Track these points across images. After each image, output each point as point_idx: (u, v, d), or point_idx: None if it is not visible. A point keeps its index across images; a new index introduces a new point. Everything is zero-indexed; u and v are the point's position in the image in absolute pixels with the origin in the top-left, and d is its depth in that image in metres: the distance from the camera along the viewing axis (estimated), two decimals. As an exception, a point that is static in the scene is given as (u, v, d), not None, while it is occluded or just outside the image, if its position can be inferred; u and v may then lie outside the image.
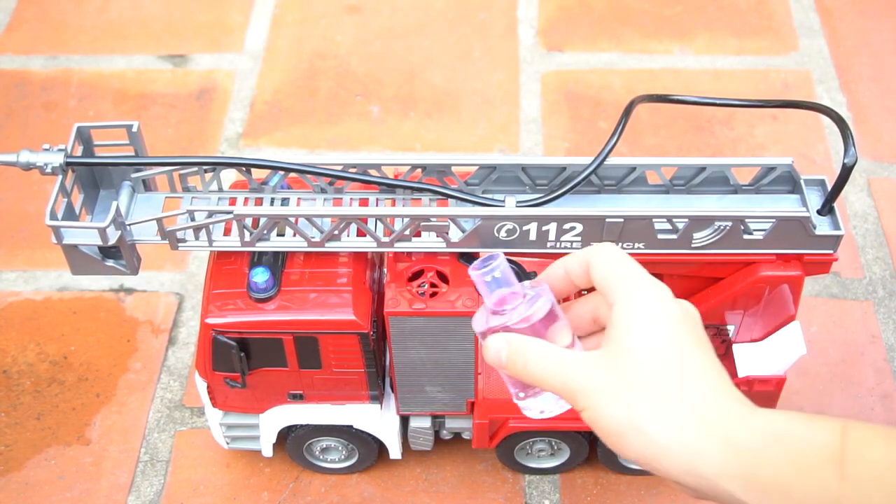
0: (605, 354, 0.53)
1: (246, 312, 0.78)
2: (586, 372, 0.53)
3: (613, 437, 0.51)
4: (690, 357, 0.52)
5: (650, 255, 0.78)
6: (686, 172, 0.81)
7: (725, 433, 0.49)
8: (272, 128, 1.29)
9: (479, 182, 0.81)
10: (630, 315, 0.53)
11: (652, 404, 0.50)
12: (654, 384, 0.51)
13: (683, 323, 0.53)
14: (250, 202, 0.81)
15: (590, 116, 1.29)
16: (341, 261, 0.80)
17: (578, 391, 0.52)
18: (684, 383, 0.51)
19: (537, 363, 0.55)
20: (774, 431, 0.49)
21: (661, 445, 0.50)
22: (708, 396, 0.51)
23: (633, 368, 0.51)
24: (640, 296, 0.54)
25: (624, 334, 0.53)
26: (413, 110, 1.31)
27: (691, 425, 0.50)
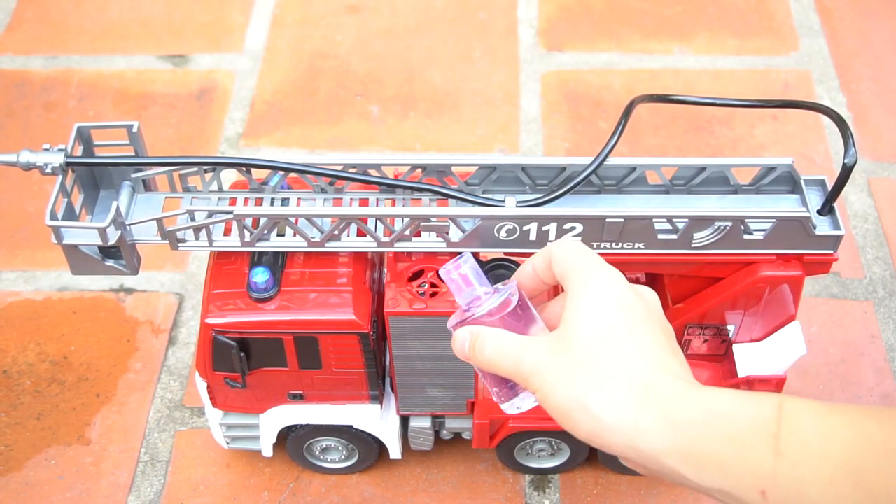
0: (554, 337, 0.54)
1: (246, 312, 0.77)
2: (537, 355, 0.54)
3: (562, 416, 0.52)
4: (636, 337, 0.53)
5: (650, 255, 0.77)
6: (686, 172, 0.81)
7: (665, 410, 0.50)
8: (272, 128, 1.29)
9: (479, 182, 0.81)
10: (580, 300, 0.54)
11: (596, 384, 0.51)
12: (599, 364, 0.52)
13: (634, 306, 0.54)
14: (250, 202, 0.81)
15: (590, 116, 1.29)
16: (341, 261, 0.80)
17: (529, 373, 0.53)
18: (627, 363, 0.52)
19: (493, 348, 0.56)
20: (712, 408, 0.49)
21: (605, 423, 0.50)
22: (650, 375, 0.51)
23: (580, 350, 0.52)
24: (591, 282, 0.55)
25: (573, 317, 0.54)
26: (413, 110, 1.31)
27: (633, 403, 0.50)
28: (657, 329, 0.54)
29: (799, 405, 0.48)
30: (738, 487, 0.47)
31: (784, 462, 0.46)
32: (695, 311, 0.82)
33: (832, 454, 0.45)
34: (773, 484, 0.46)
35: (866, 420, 0.46)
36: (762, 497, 0.46)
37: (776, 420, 0.47)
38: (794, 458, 0.46)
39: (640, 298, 0.55)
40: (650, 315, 0.55)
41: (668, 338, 0.55)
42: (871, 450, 0.45)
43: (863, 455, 0.45)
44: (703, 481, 0.49)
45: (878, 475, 0.44)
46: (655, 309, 0.56)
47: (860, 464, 0.45)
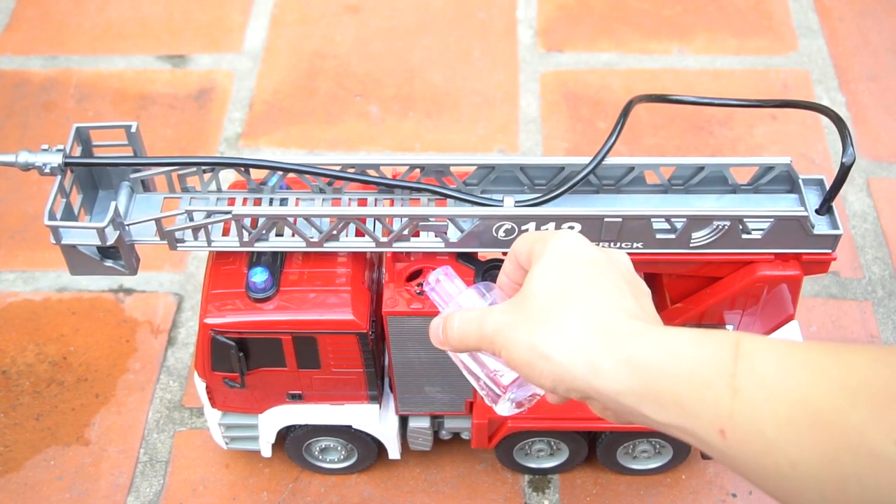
0: (514, 299, 0.55)
1: (245, 312, 0.77)
2: (498, 315, 0.54)
3: (525, 368, 0.52)
4: (595, 285, 0.53)
5: (649, 254, 0.77)
6: (684, 172, 0.81)
7: (622, 350, 0.49)
8: (271, 128, 1.29)
9: (477, 182, 0.81)
10: (540, 261, 0.55)
11: (552, 329, 0.51)
12: (557, 312, 0.52)
13: (597, 260, 0.54)
14: (249, 202, 0.81)
15: (589, 116, 1.29)
16: (340, 261, 0.80)
17: (493, 334, 0.54)
18: (584, 307, 0.52)
19: (459, 320, 0.57)
20: (670, 347, 0.48)
21: (565, 367, 0.50)
22: (607, 317, 0.51)
23: (538, 302, 0.53)
24: (549, 244, 0.55)
25: (532, 276, 0.54)
26: (412, 110, 1.31)
27: (590, 345, 0.50)
28: (621, 281, 0.54)
29: (756, 343, 0.47)
30: (698, 426, 0.47)
31: (741, 401, 0.46)
32: (693, 311, 0.82)
33: (789, 393, 0.45)
34: (730, 423, 0.46)
35: (823, 357, 0.45)
36: (721, 436, 0.46)
37: (733, 359, 0.47)
38: (750, 397, 0.45)
39: (605, 255, 0.55)
40: (615, 269, 0.55)
41: (635, 292, 0.54)
42: (828, 388, 0.44)
43: (819, 393, 0.44)
44: (662, 419, 0.48)
45: (835, 413, 0.43)
46: (625, 267, 0.56)
47: (817, 402, 0.44)
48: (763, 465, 0.45)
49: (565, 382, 0.51)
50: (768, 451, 0.44)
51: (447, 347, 0.59)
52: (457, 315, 0.58)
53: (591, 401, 0.53)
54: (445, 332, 0.58)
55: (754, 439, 0.45)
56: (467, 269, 0.79)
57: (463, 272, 0.79)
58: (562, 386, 0.51)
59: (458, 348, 0.58)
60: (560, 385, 0.51)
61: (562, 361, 0.51)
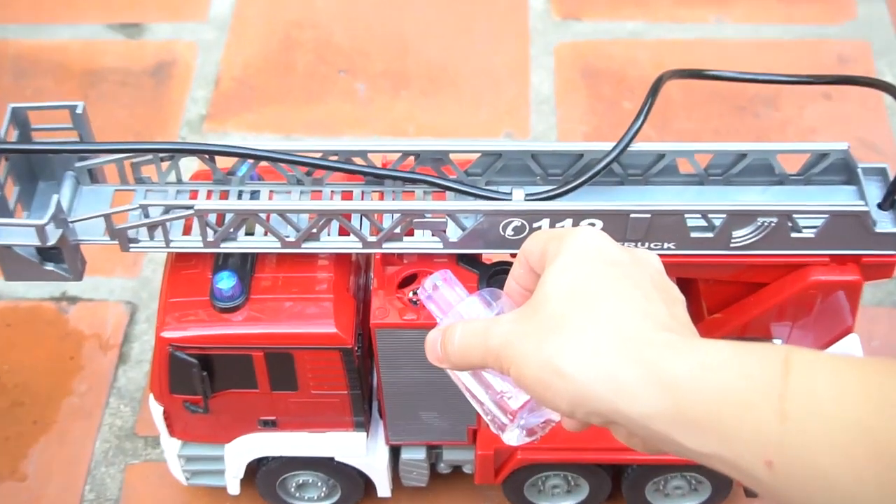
0: (524, 307, 0.55)
1: (209, 324, 0.78)
2: (506, 325, 0.54)
3: (537, 387, 0.52)
4: (617, 289, 0.53)
5: (682, 256, 0.78)
6: (724, 160, 0.81)
7: (651, 365, 0.49)
8: (241, 109, 1.29)
9: (482, 172, 0.81)
10: (554, 263, 0.54)
11: (568, 339, 0.51)
12: (572, 320, 0.52)
13: (620, 261, 0.54)
14: (214, 195, 0.81)
15: (612, 95, 1.29)
16: (321, 264, 0.80)
17: (500, 348, 0.54)
18: (605, 313, 0.51)
19: (462, 333, 0.57)
20: (708, 363, 0.48)
21: (583, 384, 0.50)
22: (632, 326, 0.51)
23: (551, 310, 0.52)
24: (565, 243, 0.55)
25: (545, 280, 0.54)
26: (406, 89, 1.31)
27: (612, 359, 0.50)
28: (649, 286, 0.54)
29: (809, 359, 0.47)
30: (741, 456, 0.47)
31: (791, 427, 0.45)
32: (734, 323, 0.82)
33: (847, 417, 0.44)
34: (779, 453, 0.45)
35: (887, 377, 0.45)
36: (767, 468, 0.46)
37: (782, 377, 0.46)
38: (802, 421, 0.45)
39: (631, 255, 0.55)
40: (643, 271, 0.54)
41: (666, 297, 0.54)
42: (893, 413, 0.43)
43: (883, 419, 0.43)
44: (698, 447, 0.48)
45: None
46: (654, 269, 0.56)
47: (879, 430, 0.43)
48: (817, 503, 0.45)
49: (585, 404, 0.51)
50: (823, 485, 0.44)
51: (446, 365, 0.59)
52: (458, 327, 0.58)
53: (614, 426, 0.52)
54: (444, 346, 0.58)
55: (807, 472, 0.45)
56: (470, 274, 0.79)
57: (465, 277, 0.79)
58: (581, 408, 0.51)
59: (460, 366, 0.58)
60: (578, 407, 0.51)
61: (580, 378, 0.50)
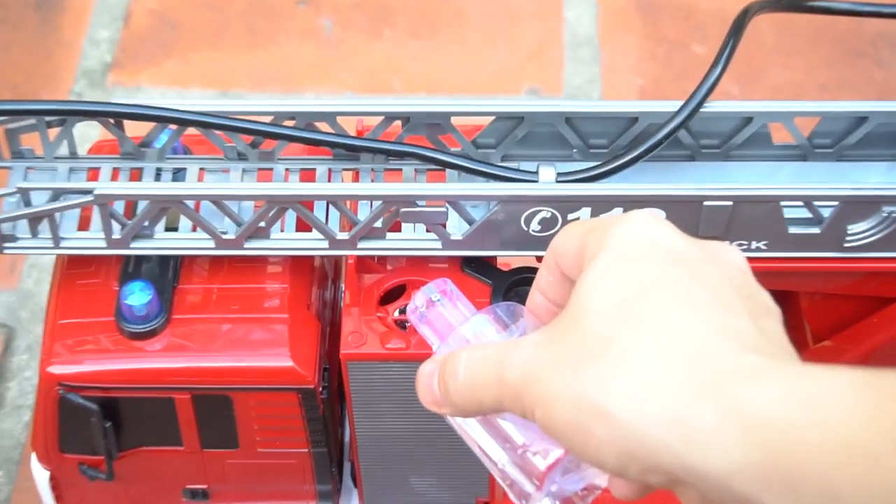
0: (553, 325, 0.54)
1: (114, 356, 0.77)
2: (528, 352, 0.53)
3: (576, 438, 0.50)
4: (682, 294, 0.52)
5: (777, 260, 0.76)
6: (835, 126, 0.80)
7: (735, 402, 0.47)
8: (159, 55, 1.28)
9: (496, 142, 0.80)
10: (596, 262, 0.54)
11: (616, 370, 0.50)
12: (618, 339, 0.51)
13: (689, 259, 0.53)
14: (123, 175, 0.80)
15: (677, 35, 1.29)
16: (271, 272, 0.80)
17: (521, 383, 0.53)
18: (665, 330, 0.50)
19: (469, 366, 0.56)
20: (817, 399, 0.46)
21: (637, 430, 0.48)
22: (706, 346, 0.49)
23: (588, 325, 0.52)
24: (612, 232, 0.54)
25: (581, 287, 0.53)
26: (389, 26, 1.30)
27: (677, 391, 0.48)
28: (728, 290, 0.52)
29: None
30: None
31: None
32: (851, 353, 0.81)
33: None
34: None
35: None
36: None
37: None
38: None
39: (703, 249, 0.54)
40: (720, 271, 0.54)
41: (753, 307, 0.53)
42: None
43: None
44: None
45: None
46: (736, 269, 0.55)
47: None
48: None
49: (640, 457, 0.49)
50: None
51: (447, 410, 0.58)
52: (462, 355, 0.56)
53: (681, 488, 0.50)
54: (444, 383, 0.57)
55: None
56: (480, 285, 0.78)
57: (473, 289, 0.77)
58: (635, 464, 0.49)
59: (465, 409, 0.57)
60: (632, 462, 0.49)
61: (631, 421, 0.49)
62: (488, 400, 0.55)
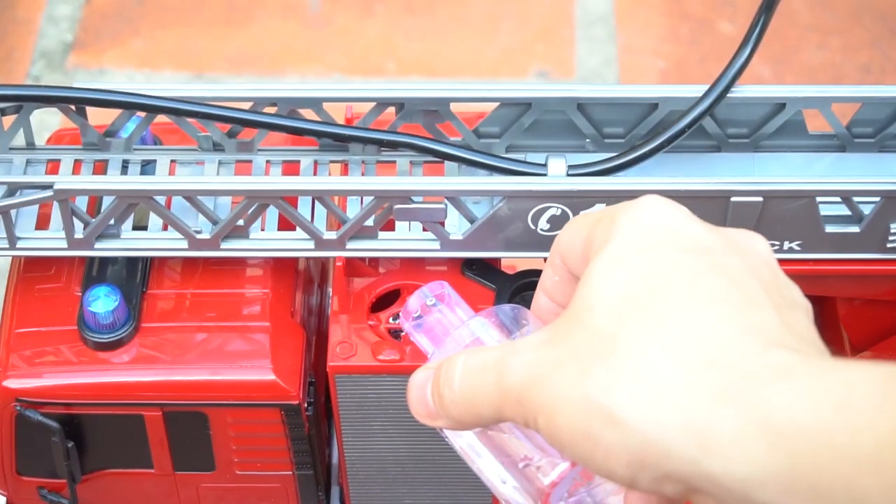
0: (557, 323, 0.55)
1: (77, 369, 0.77)
2: (528, 354, 0.54)
3: (583, 446, 0.51)
4: (699, 285, 0.52)
5: (812, 262, 0.77)
6: (877, 113, 0.80)
7: (758, 404, 0.47)
8: (125, 33, 1.31)
9: (500, 131, 0.81)
10: (603, 252, 0.54)
11: (625, 370, 0.50)
12: (629, 338, 0.51)
13: (707, 247, 0.54)
14: (86, 168, 0.81)
15: (702, 12, 1.32)
16: (251, 275, 0.80)
17: (521, 387, 0.53)
18: (682, 328, 0.50)
19: (465, 374, 0.56)
20: (848, 401, 0.46)
21: (648, 435, 0.49)
22: (727, 344, 0.50)
23: (596, 325, 0.52)
24: (620, 220, 0.55)
25: (587, 279, 0.54)
26: (381, 2, 1.34)
27: (692, 392, 0.49)
28: (751, 281, 0.53)
29: None
30: None
31: None
32: None
33: None
34: None
35: None
36: None
37: None
38: None
39: (722, 237, 0.55)
40: (742, 262, 0.54)
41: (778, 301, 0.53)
42: None
43: None
44: None
45: None
46: (759, 259, 0.55)
47: None
48: None
49: (652, 464, 0.49)
50: None
51: (441, 422, 0.58)
52: (458, 361, 0.56)
53: (698, 497, 0.50)
54: (439, 392, 0.57)
55: None
56: (481, 290, 0.79)
57: (475, 294, 0.78)
58: (646, 473, 0.49)
59: (463, 421, 0.57)
60: (643, 471, 0.49)
61: (642, 426, 0.49)
62: (487, 409, 0.55)
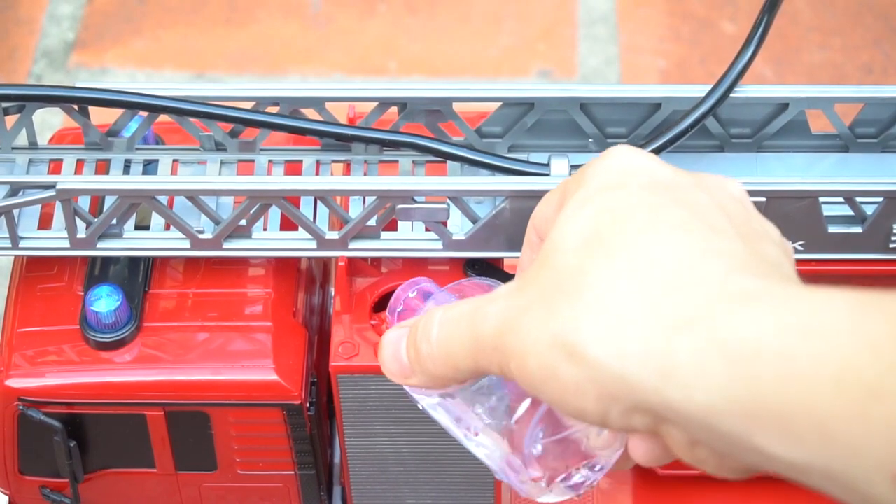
0: (527, 271, 0.55)
1: (79, 368, 0.77)
2: (501, 300, 0.54)
3: (555, 386, 0.51)
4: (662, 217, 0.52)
5: (815, 262, 0.77)
6: (880, 113, 0.80)
7: (719, 329, 0.47)
8: (127, 32, 1.31)
9: (503, 131, 0.81)
10: (571, 201, 0.55)
11: (588, 305, 0.51)
12: (593, 274, 0.51)
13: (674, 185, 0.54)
14: (88, 168, 0.81)
15: (704, 12, 1.32)
16: (253, 275, 0.80)
17: (496, 337, 0.53)
18: (644, 258, 0.51)
19: (442, 325, 0.57)
20: (812, 326, 0.46)
21: (611, 367, 0.49)
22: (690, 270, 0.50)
23: (561, 264, 0.53)
24: (589, 169, 0.56)
25: (555, 228, 0.54)
26: (384, 1, 1.34)
27: (652, 320, 0.49)
28: (717, 214, 0.53)
29: None
30: (854, 468, 0.45)
31: None
32: None
33: None
34: None
35: None
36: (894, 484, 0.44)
37: None
38: None
39: (692, 177, 0.55)
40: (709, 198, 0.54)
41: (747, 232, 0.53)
42: None
43: None
44: (791, 455, 0.46)
45: None
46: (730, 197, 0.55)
47: None
48: None
49: (619, 398, 0.49)
50: None
51: (415, 380, 0.58)
52: (436, 315, 0.57)
53: (666, 427, 0.50)
54: (416, 347, 0.57)
55: None
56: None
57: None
58: (616, 406, 0.50)
59: (438, 376, 0.57)
60: (612, 405, 0.50)
61: (604, 359, 0.49)
62: (464, 361, 0.55)
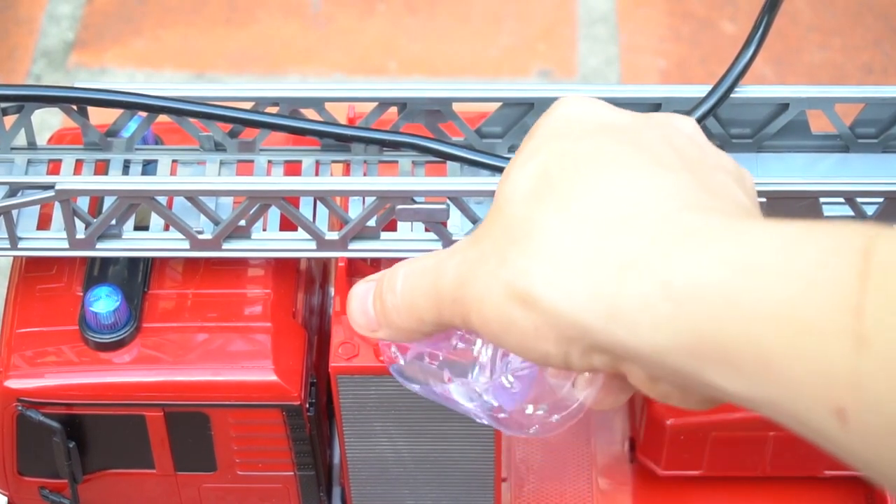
0: (481, 225, 0.56)
1: (78, 369, 0.77)
2: (459, 252, 0.55)
3: (515, 334, 0.51)
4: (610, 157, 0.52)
5: None
6: (880, 113, 0.80)
7: (661, 268, 0.47)
8: (127, 32, 1.31)
9: (503, 131, 0.81)
10: (520, 151, 0.55)
11: (538, 251, 0.51)
12: (542, 221, 0.51)
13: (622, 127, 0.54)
14: (87, 168, 0.81)
15: (704, 12, 1.32)
16: (252, 275, 0.80)
17: (456, 290, 0.54)
18: (591, 200, 0.51)
19: (406, 278, 0.57)
20: (754, 262, 0.46)
21: (563, 314, 0.49)
22: (635, 208, 0.50)
23: (511, 214, 0.53)
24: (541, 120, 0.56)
25: (505, 178, 0.55)
26: (383, 1, 1.34)
27: (598, 261, 0.49)
28: (666, 150, 0.53)
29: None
30: (798, 402, 0.45)
31: (872, 357, 0.43)
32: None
33: None
34: (855, 396, 0.44)
35: None
36: (838, 418, 0.44)
37: (860, 279, 0.44)
38: (888, 349, 0.43)
39: (641, 118, 0.55)
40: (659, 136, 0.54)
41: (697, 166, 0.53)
42: None
43: None
44: (739, 388, 0.46)
45: None
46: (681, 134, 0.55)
47: None
48: None
49: (576, 340, 0.50)
50: None
51: (382, 333, 0.59)
52: (401, 269, 0.57)
53: (625, 366, 0.51)
54: (382, 299, 0.58)
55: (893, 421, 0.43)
56: None
57: None
58: (574, 347, 0.50)
59: (404, 328, 0.58)
60: (571, 347, 0.50)
61: (556, 303, 0.49)
62: (428, 313, 0.55)
